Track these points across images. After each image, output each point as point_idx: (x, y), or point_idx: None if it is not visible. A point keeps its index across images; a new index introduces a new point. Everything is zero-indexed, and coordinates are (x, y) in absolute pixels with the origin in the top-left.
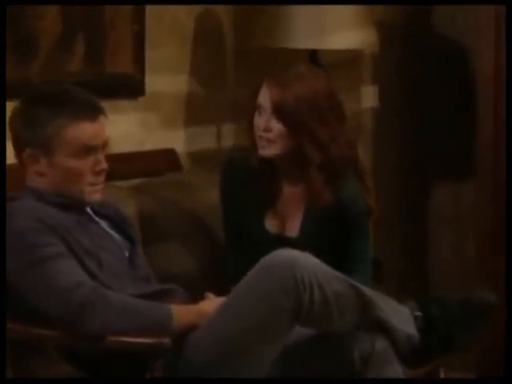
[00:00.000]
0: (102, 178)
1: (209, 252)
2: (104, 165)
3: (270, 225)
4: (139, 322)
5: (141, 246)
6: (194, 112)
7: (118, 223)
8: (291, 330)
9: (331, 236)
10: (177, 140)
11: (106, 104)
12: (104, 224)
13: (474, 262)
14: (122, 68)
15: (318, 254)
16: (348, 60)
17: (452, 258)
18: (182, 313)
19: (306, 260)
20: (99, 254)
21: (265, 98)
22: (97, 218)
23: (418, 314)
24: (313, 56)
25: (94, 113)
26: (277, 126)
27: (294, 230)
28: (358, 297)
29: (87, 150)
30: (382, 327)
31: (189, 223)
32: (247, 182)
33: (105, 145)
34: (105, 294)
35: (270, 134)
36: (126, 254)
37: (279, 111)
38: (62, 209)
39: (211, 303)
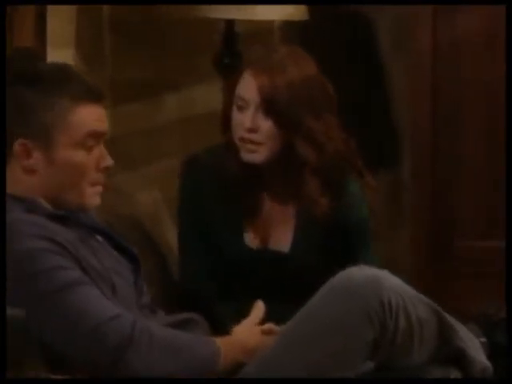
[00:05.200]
0: (103, 177)
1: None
2: (109, 160)
3: (251, 238)
4: (184, 360)
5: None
6: None
7: (115, 239)
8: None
9: (329, 248)
10: None
11: None
12: (101, 240)
13: None
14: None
15: (312, 269)
16: (258, 31)
17: None
18: (226, 348)
19: (390, 279)
20: (111, 277)
21: (248, 89)
22: (93, 233)
23: (483, 340)
24: (229, 26)
25: (98, 95)
26: (266, 125)
27: (283, 243)
28: (440, 324)
29: (93, 137)
30: (458, 358)
31: (140, 234)
32: (218, 186)
33: (105, 136)
34: (147, 329)
35: (257, 135)
36: (132, 277)
37: (270, 106)
38: (58, 221)
39: (253, 335)
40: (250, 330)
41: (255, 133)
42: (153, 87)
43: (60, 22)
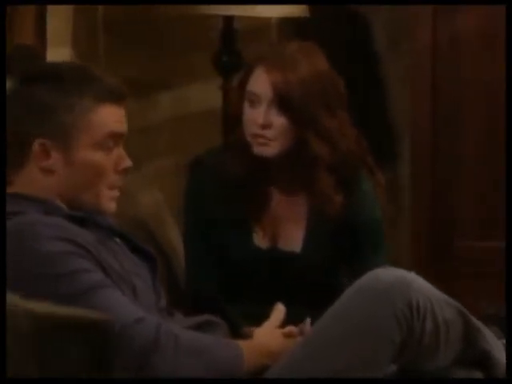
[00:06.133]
0: (122, 179)
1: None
2: (128, 162)
3: (260, 238)
4: (207, 363)
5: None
6: None
7: (132, 241)
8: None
9: (340, 247)
10: None
11: None
12: (119, 242)
13: None
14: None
15: (323, 269)
16: (256, 28)
17: None
18: (249, 351)
19: (418, 281)
20: (132, 280)
21: (261, 85)
22: (111, 235)
23: (505, 341)
24: (228, 23)
25: (118, 95)
26: (279, 121)
27: (294, 243)
28: (465, 326)
29: (113, 138)
30: (482, 360)
31: (143, 235)
32: (225, 186)
33: (123, 138)
34: (172, 331)
35: (271, 131)
36: (150, 280)
37: (283, 102)
38: (77, 223)
39: (275, 338)
40: (272, 333)
41: (268, 129)
42: (148, 86)
43: (58, 22)
